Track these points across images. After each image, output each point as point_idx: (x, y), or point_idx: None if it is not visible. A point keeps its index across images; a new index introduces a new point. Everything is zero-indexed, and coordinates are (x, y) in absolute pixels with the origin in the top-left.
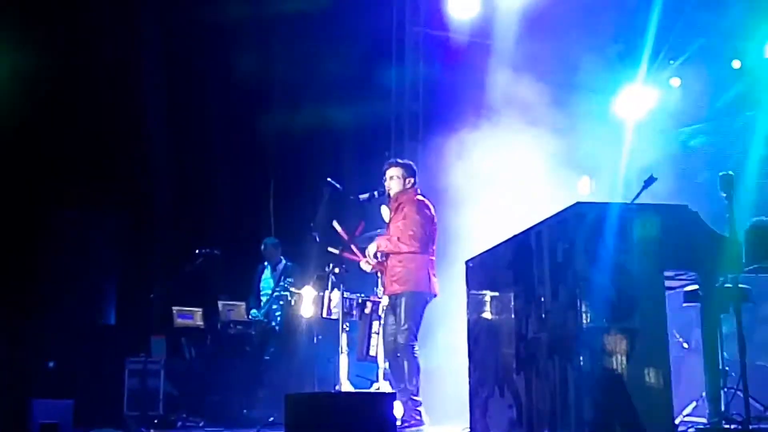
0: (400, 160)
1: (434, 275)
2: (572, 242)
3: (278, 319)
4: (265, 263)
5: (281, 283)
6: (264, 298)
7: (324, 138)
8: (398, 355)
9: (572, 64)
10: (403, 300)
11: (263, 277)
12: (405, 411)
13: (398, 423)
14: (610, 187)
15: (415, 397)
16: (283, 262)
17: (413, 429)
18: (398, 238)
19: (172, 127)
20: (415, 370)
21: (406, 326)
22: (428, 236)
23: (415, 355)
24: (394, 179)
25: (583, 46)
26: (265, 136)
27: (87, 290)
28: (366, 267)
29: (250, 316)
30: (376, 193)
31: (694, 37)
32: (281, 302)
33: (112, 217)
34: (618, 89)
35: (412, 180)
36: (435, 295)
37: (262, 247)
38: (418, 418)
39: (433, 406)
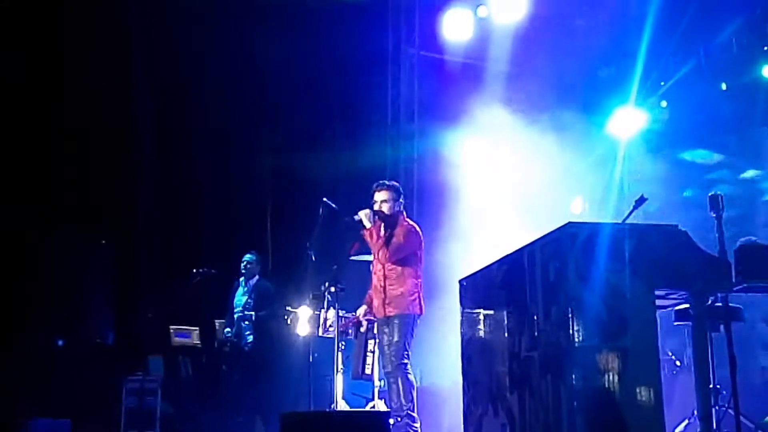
0: (388, 183)
1: (422, 297)
2: (564, 262)
3: (248, 338)
4: (240, 279)
5: (249, 301)
6: (236, 316)
7: (320, 157)
8: (390, 375)
9: (565, 86)
10: (396, 322)
11: (236, 293)
12: (402, 428)
13: None
14: (602, 206)
15: (411, 413)
16: (256, 278)
17: None
18: (391, 253)
19: (169, 146)
20: (409, 388)
21: (399, 347)
22: (418, 260)
23: (408, 373)
24: (386, 202)
25: (575, 68)
26: (261, 155)
27: (84, 310)
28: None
29: (224, 335)
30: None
31: (684, 59)
32: (246, 322)
33: (109, 237)
34: (610, 110)
35: (402, 201)
36: (422, 315)
37: (246, 263)
38: None
39: (427, 425)
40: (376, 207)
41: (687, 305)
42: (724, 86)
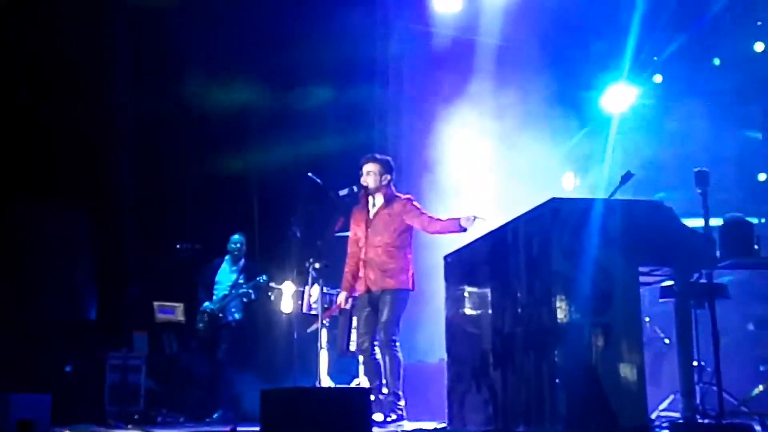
0: (378, 156)
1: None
2: (547, 238)
3: (235, 316)
4: (226, 257)
5: (245, 280)
6: (219, 293)
7: (305, 132)
8: (374, 351)
9: (556, 61)
10: (392, 296)
11: (220, 270)
12: (388, 406)
13: (380, 418)
14: (595, 182)
15: (397, 392)
16: (243, 261)
17: (395, 424)
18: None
19: (152, 121)
20: (397, 365)
21: (391, 322)
22: (411, 235)
23: (397, 350)
24: (371, 174)
25: (567, 43)
26: (247, 130)
27: (67, 285)
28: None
29: (203, 308)
30: (355, 188)
31: (677, 34)
32: (244, 299)
33: (92, 213)
34: (603, 86)
35: (389, 177)
36: (414, 291)
37: (236, 243)
38: (399, 413)
39: (413, 403)
40: (362, 179)
41: (671, 282)
42: (717, 61)
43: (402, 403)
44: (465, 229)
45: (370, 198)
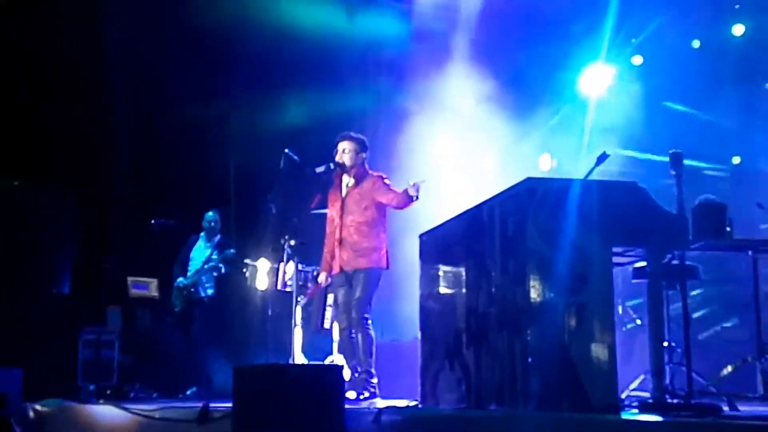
0: (353, 134)
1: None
2: (522, 217)
3: (208, 291)
4: (201, 234)
5: (218, 255)
6: (192, 269)
7: (283, 108)
8: (352, 330)
9: (535, 43)
10: (365, 274)
11: (195, 247)
12: (360, 384)
13: (353, 396)
14: (572, 163)
15: (370, 369)
16: (218, 237)
17: (368, 402)
18: (396, 202)
19: (129, 97)
20: (369, 343)
21: (362, 301)
22: (384, 213)
23: (369, 328)
24: (347, 152)
25: (545, 24)
26: (225, 106)
27: (41, 259)
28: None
29: (177, 284)
30: (332, 165)
31: (654, 15)
32: (214, 274)
33: (67, 187)
34: (581, 67)
35: (364, 155)
36: (387, 269)
37: (210, 220)
38: (372, 390)
39: (387, 381)
40: (337, 157)
41: (644, 263)
42: (696, 44)
43: (375, 380)
44: (413, 198)
45: (344, 177)
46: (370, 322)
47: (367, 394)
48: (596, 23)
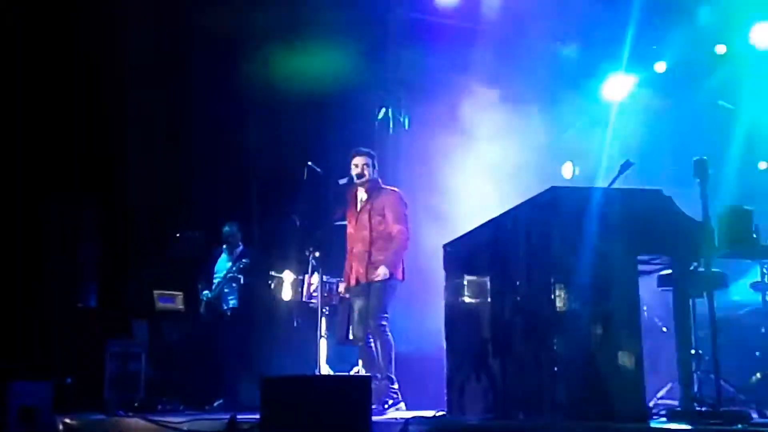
0: (364, 149)
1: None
2: (547, 226)
3: (231, 303)
4: (224, 247)
5: (236, 265)
6: (216, 281)
7: (307, 120)
8: (369, 340)
9: (557, 49)
10: (380, 285)
11: (219, 259)
12: (382, 391)
13: (378, 405)
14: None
15: (390, 375)
16: (241, 246)
17: (393, 409)
18: (393, 234)
19: (152, 109)
20: (388, 349)
21: (378, 307)
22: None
23: (387, 334)
24: (360, 167)
25: (567, 30)
26: (247, 119)
27: (67, 273)
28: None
29: (202, 297)
30: (355, 177)
31: (678, 22)
32: (234, 285)
33: (93, 200)
34: (603, 74)
35: (374, 170)
36: (403, 281)
37: (228, 234)
38: (395, 396)
39: (411, 390)
40: (357, 171)
41: (670, 270)
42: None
43: (395, 386)
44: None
45: (359, 191)
46: (387, 327)
47: (390, 402)
48: (619, 31)
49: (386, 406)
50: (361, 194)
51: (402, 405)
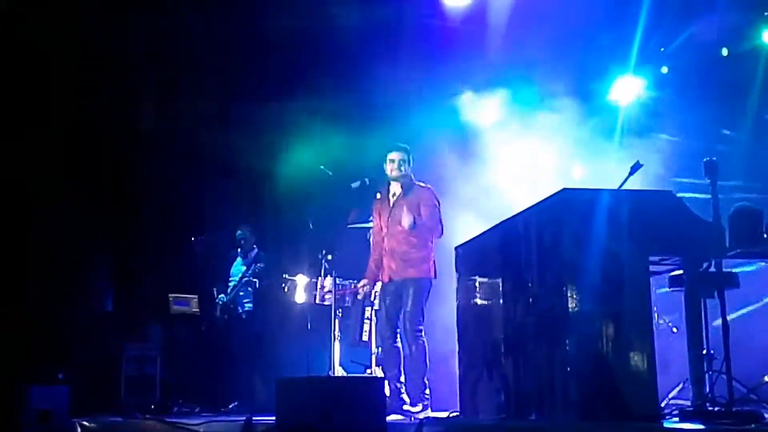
0: (401, 144)
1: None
2: (559, 228)
3: (246, 306)
4: (238, 250)
5: (252, 269)
6: (231, 285)
7: (317, 124)
8: (395, 339)
9: (565, 53)
10: (414, 285)
11: (234, 263)
12: (416, 396)
13: (409, 408)
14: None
15: (425, 381)
16: (256, 249)
17: (424, 411)
18: (429, 228)
19: (168, 116)
20: (424, 353)
21: (415, 312)
22: None
23: (423, 338)
24: (395, 162)
25: (575, 34)
26: (260, 122)
27: (82, 278)
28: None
29: (218, 301)
30: (367, 180)
31: (684, 24)
32: (249, 288)
33: (108, 204)
34: (611, 76)
35: (409, 165)
36: (435, 279)
37: (240, 238)
38: (426, 403)
39: None
40: (387, 167)
41: (681, 271)
42: (725, 52)
43: (428, 392)
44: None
45: (392, 186)
46: (423, 332)
47: (420, 407)
48: (626, 34)
49: (416, 410)
50: (395, 189)
51: (429, 411)
